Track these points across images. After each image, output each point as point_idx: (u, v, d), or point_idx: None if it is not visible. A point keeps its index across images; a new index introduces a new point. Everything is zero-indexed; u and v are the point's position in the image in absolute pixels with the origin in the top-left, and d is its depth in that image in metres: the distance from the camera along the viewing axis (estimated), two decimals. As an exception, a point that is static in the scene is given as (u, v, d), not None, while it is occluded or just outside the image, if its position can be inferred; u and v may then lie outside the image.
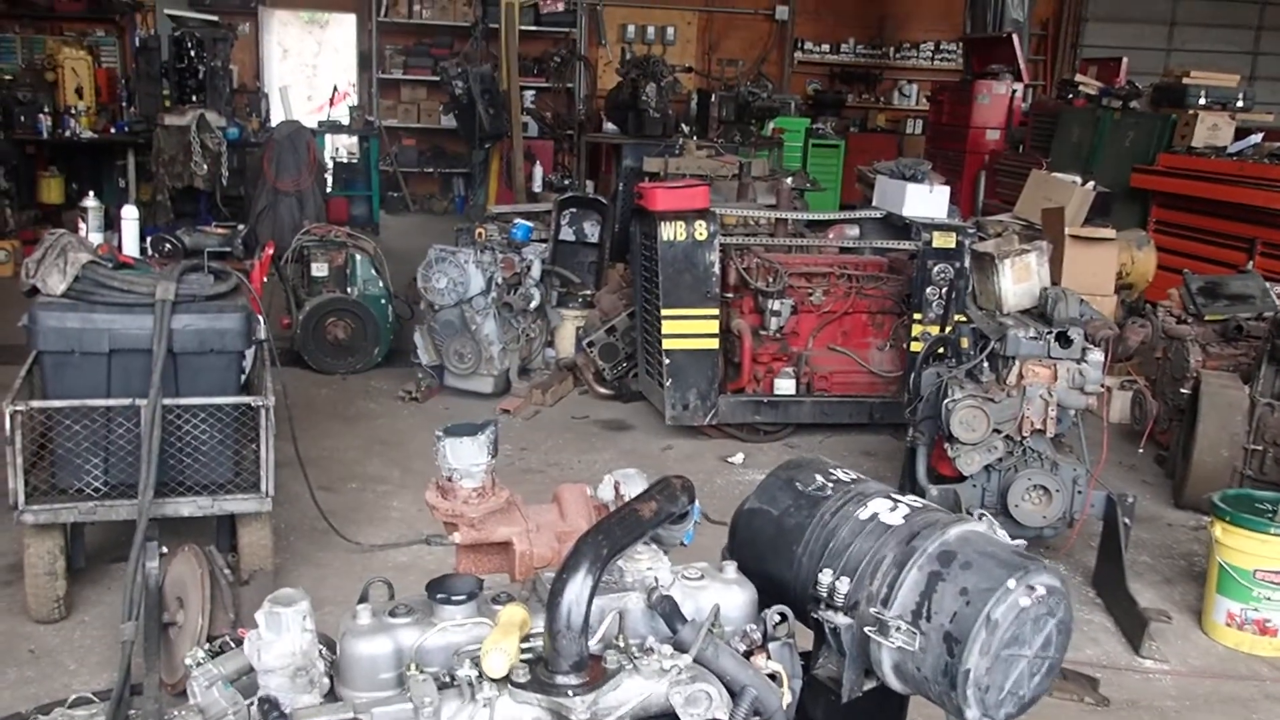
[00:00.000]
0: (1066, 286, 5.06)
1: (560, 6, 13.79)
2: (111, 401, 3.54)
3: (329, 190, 11.64)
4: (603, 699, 1.26)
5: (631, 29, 14.27)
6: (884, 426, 5.92)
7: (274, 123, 11.13)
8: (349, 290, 6.80)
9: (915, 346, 5.59)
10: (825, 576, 1.41)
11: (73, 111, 10.46)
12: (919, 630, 1.32)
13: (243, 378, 3.86)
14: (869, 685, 1.43)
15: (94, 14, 12.23)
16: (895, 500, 1.46)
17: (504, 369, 6.35)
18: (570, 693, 1.24)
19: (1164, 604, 4.13)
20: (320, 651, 1.40)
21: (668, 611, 1.36)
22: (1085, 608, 4.10)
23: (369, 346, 6.74)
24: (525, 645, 1.31)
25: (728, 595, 1.43)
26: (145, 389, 3.50)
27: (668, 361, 5.62)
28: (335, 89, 13.01)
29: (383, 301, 6.86)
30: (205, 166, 9.91)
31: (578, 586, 1.27)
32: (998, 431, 4.03)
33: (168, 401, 3.52)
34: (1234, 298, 5.52)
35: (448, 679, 1.28)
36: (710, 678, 1.31)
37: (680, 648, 1.33)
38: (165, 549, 3.45)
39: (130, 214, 4.17)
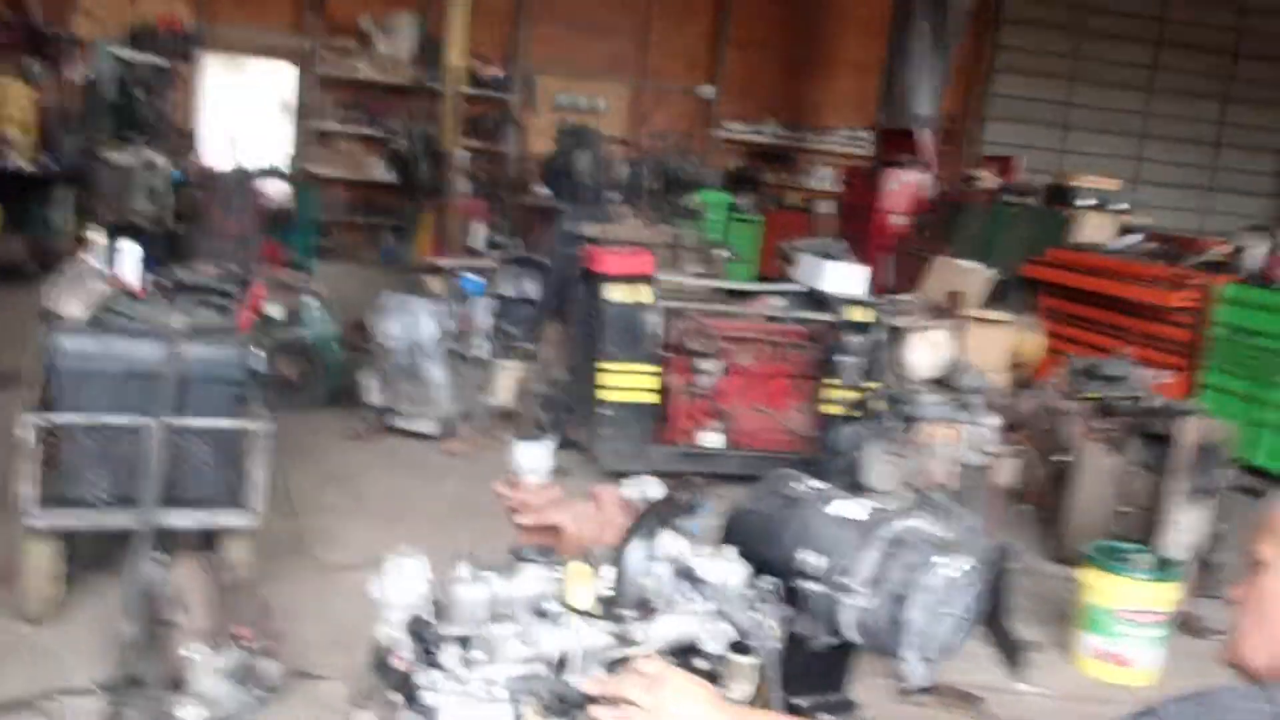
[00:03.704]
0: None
1: (498, 73, 14.37)
2: (121, 419, 3.88)
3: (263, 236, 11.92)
4: (654, 630, 1.73)
5: (564, 98, 14.89)
6: (799, 481, 6.46)
7: (216, 165, 11.40)
8: (300, 332, 7.14)
9: (830, 409, 6.17)
10: (803, 554, 1.90)
11: (9, 142, 10.58)
12: (875, 593, 1.82)
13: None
14: (832, 641, 1.92)
15: (30, 48, 12.33)
16: (858, 502, 1.97)
17: (449, 413, 6.75)
18: (633, 622, 1.71)
19: (1039, 640, 4.73)
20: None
21: (692, 576, 1.84)
22: (975, 641, 4.67)
23: (318, 386, 7.08)
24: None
25: (730, 568, 1.91)
26: (152, 410, 3.85)
27: (606, 412, 6.10)
28: (264, 136, 13.32)
29: (332, 344, 7.22)
30: (148, 205, 10.13)
31: (640, 545, 1.74)
32: (907, 484, 4.61)
33: (173, 422, 3.88)
34: (1108, 379, 6.23)
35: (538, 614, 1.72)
36: (722, 621, 1.79)
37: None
38: (166, 555, 3.81)
39: (131, 248, 4.53)
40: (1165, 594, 4.38)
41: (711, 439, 6.31)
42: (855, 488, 4.65)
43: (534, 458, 2.04)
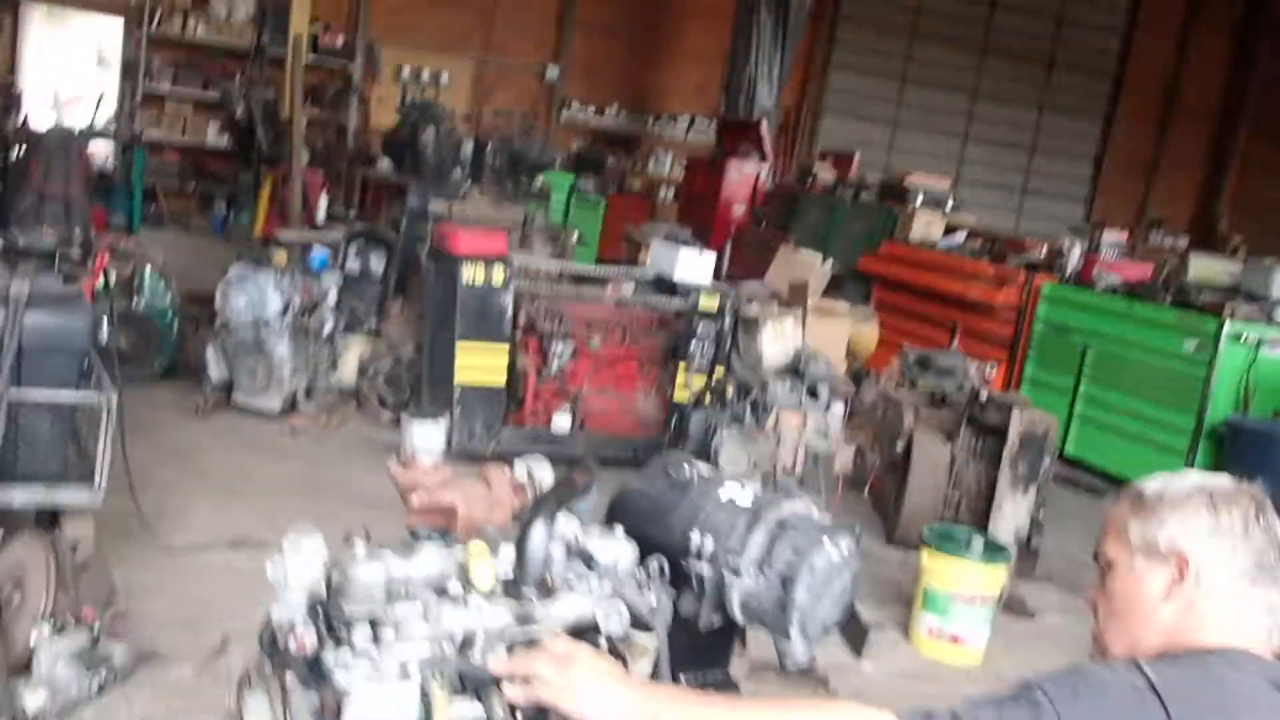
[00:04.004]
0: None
1: (339, 41, 13.99)
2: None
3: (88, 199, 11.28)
4: (555, 609, 1.77)
5: (407, 70, 14.60)
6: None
7: (39, 123, 10.72)
8: (135, 301, 6.82)
9: (679, 395, 6.31)
10: (692, 536, 1.98)
11: None
12: (763, 574, 1.91)
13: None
14: (719, 620, 2.00)
15: None
16: (745, 488, 2.06)
17: (293, 390, 6.59)
18: (534, 602, 1.75)
19: (878, 620, 4.96)
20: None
21: (586, 557, 1.89)
22: (817, 619, 4.88)
23: (154, 359, 6.78)
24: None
25: (621, 548, 1.97)
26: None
27: (458, 393, 6.08)
28: (88, 95, 12.62)
29: (168, 315, 6.92)
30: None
31: (542, 527, 1.78)
32: (757, 467, 4.77)
33: (13, 393, 3.69)
34: (940, 370, 6.57)
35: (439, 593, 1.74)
36: (619, 601, 1.85)
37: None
38: (4, 533, 3.62)
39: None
40: (995, 576, 4.66)
41: (561, 421, 6.36)
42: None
43: (427, 437, 2.05)
